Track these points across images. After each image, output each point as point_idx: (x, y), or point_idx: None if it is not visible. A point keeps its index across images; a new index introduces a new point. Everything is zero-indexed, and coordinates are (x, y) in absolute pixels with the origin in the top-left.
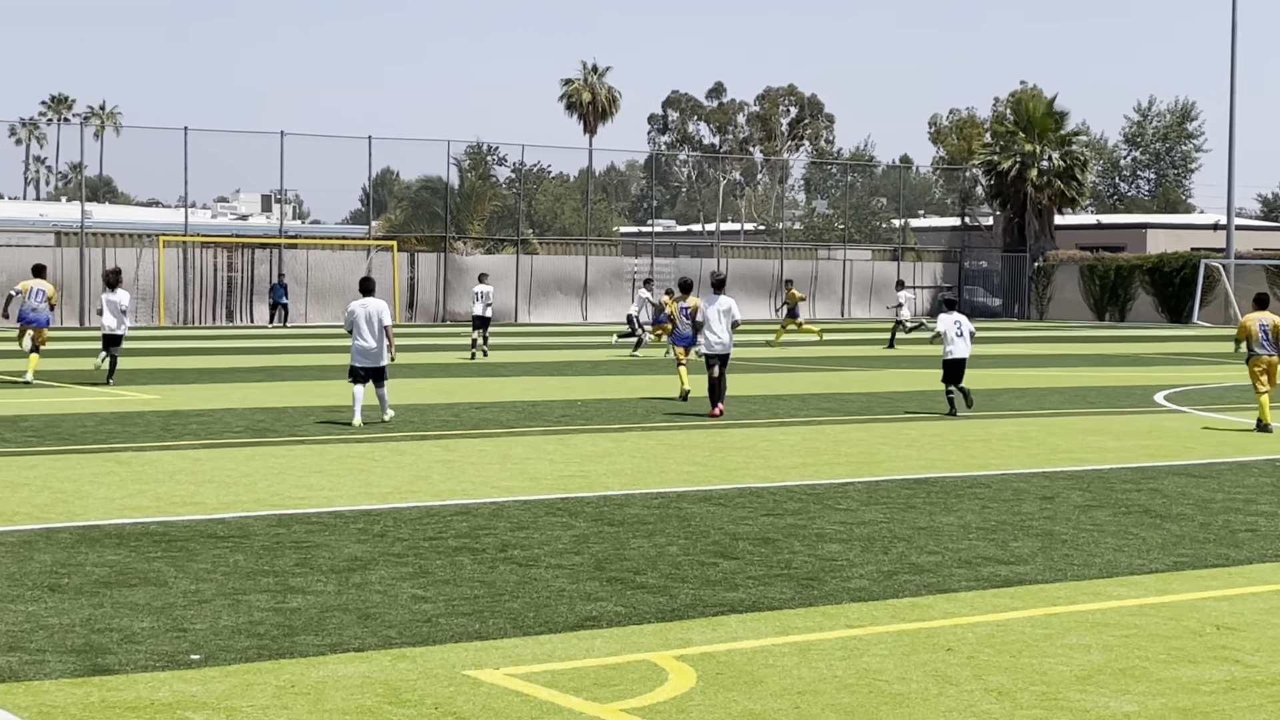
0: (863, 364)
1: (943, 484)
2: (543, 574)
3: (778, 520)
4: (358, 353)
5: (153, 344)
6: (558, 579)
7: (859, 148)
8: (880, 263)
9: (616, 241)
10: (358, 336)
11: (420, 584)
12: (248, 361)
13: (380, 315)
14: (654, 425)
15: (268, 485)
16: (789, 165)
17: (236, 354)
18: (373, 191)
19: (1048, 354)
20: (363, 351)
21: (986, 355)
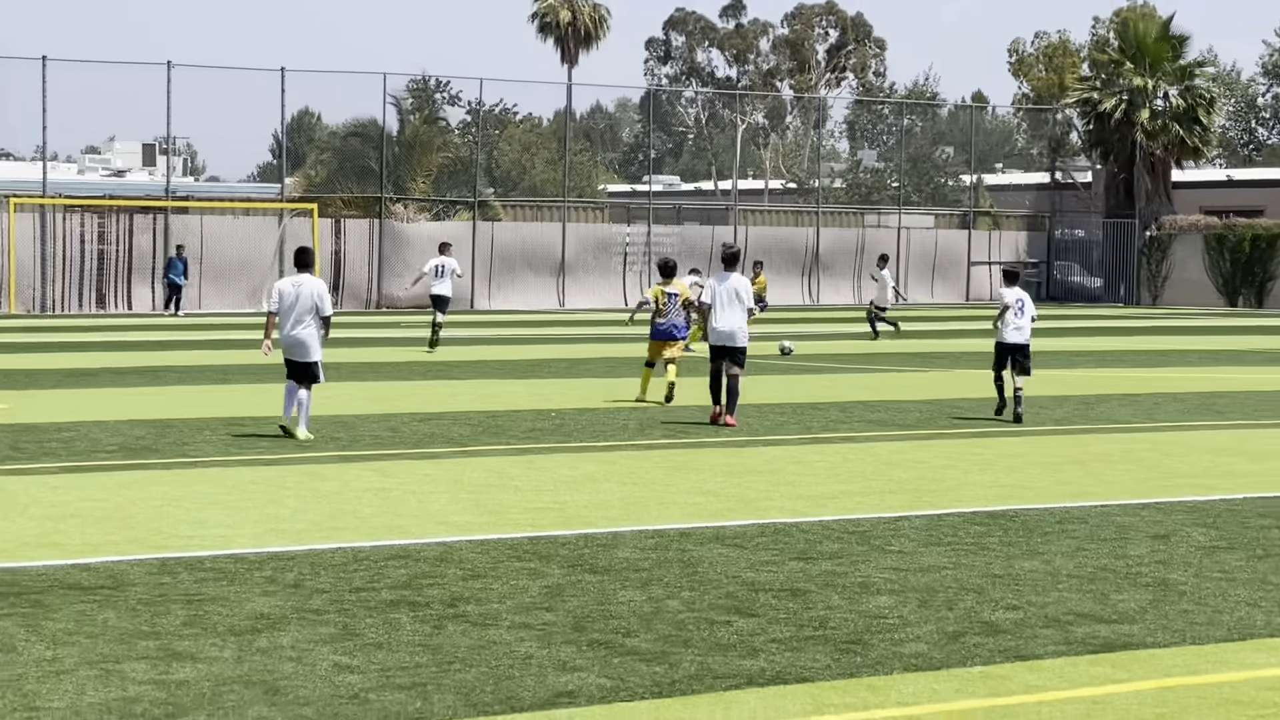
0: (922, 362)
1: (1025, 519)
2: (504, 636)
3: (810, 566)
4: (284, 344)
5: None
6: (524, 643)
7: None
8: (946, 231)
9: (603, 204)
10: (284, 324)
11: (345, 649)
12: (124, 360)
13: (318, 299)
14: (650, 442)
15: (148, 521)
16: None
17: (109, 350)
18: (286, 140)
19: (1162, 349)
20: (287, 343)
21: (1082, 352)
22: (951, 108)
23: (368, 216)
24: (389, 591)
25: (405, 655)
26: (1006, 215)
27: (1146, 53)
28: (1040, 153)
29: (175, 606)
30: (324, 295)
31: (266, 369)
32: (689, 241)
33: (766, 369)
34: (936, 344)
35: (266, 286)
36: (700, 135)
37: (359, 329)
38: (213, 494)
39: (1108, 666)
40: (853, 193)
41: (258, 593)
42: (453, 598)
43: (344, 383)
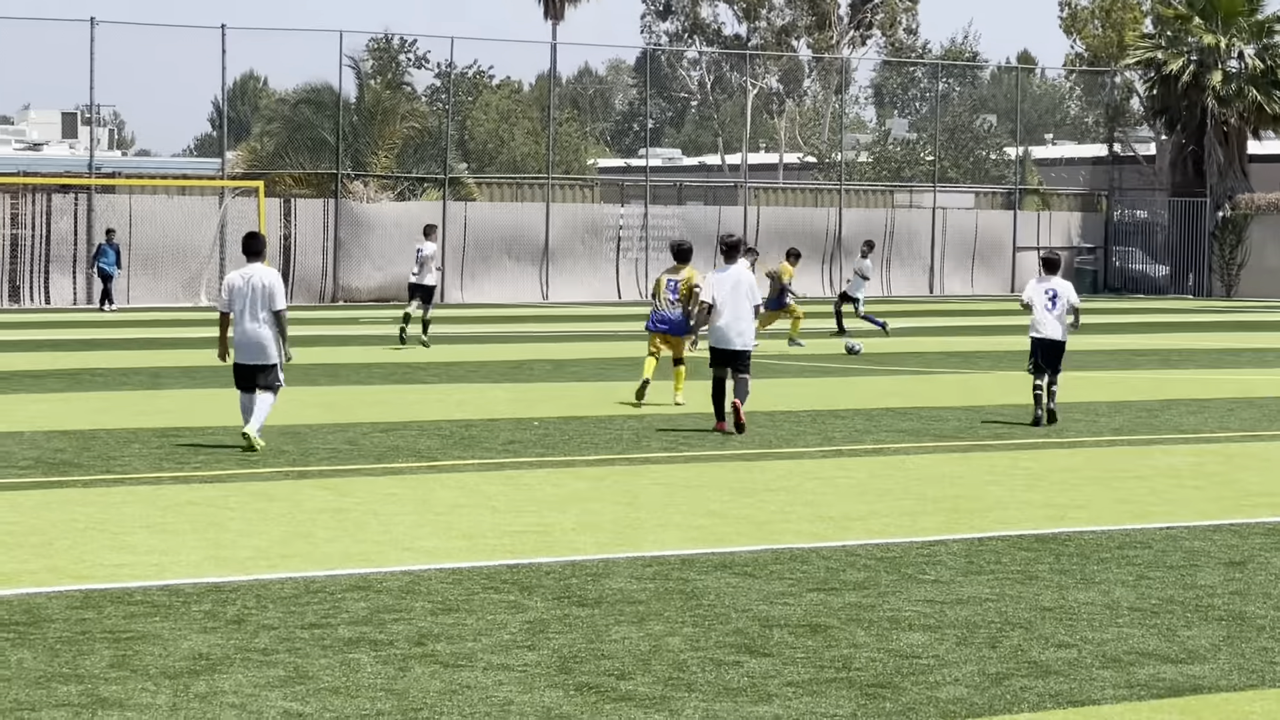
0: (960, 363)
1: (1080, 543)
2: (479, 678)
3: (832, 598)
4: (237, 347)
5: None
6: (502, 686)
7: (955, 41)
8: (987, 211)
9: (593, 182)
10: (238, 322)
11: (296, 694)
12: (41, 361)
13: (271, 291)
14: (647, 456)
15: (68, 546)
16: (851, 67)
17: (24, 350)
18: (228, 108)
19: (1237, 348)
20: (240, 345)
21: (1144, 351)
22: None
23: (322, 196)
24: (347, 628)
25: (366, 701)
26: (1057, 194)
27: (1219, 6)
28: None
29: (100, 645)
30: (276, 287)
31: (204, 371)
32: (692, 224)
33: (780, 370)
34: (976, 341)
35: (206, 279)
36: (705, 102)
37: (312, 325)
38: (144, 516)
39: (1175, 713)
40: (881, 168)
41: (195, 630)
42: (420, 635)
43: (295, 388)
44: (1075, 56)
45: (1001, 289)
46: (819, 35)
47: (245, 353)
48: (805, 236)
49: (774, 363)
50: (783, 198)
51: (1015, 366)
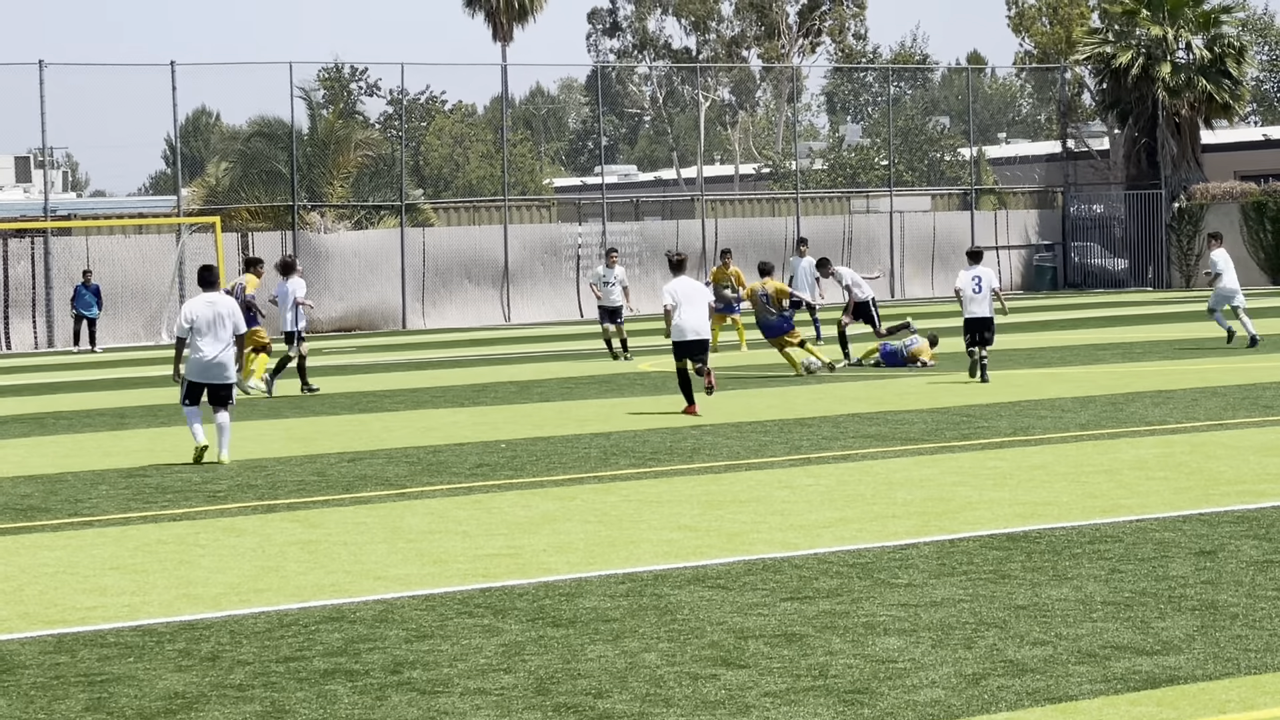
0: (924, 366)
1: (1050, 539)
2: (457, 704)
3: (806, 606)
4: (196, 367)
5: None
6: (480, 710)
7: (905, 44)
8: (945, 213)
9: (550, 201)
10: (198, 346)
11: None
12: (3, 407)
13: (233, 318)
14: (615, 473)
15: (39, 592)
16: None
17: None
18: (181, 145)
19: (1198, 337)
20: (205, 366)
21: (1107, 345)
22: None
23: (279, 228)
24: (322, 660)
25: None
26: (1013, 192)
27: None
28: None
29: (75, 689)
30: (239, 313)
31: (171, 410)
32: (650, 239)
33: (747, 382)
34: (940, 344)
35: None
36: (658, 117)
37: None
38: (114, 557)
39: (1152, 705)
40: (836, 174)
41: (170, 669)
42: (396, 663)
43: (259, 421)
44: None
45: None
46: (769, 45)
47: (208, 373)
48: (763, 247)
49: (744, 375)
50: (740, 209)
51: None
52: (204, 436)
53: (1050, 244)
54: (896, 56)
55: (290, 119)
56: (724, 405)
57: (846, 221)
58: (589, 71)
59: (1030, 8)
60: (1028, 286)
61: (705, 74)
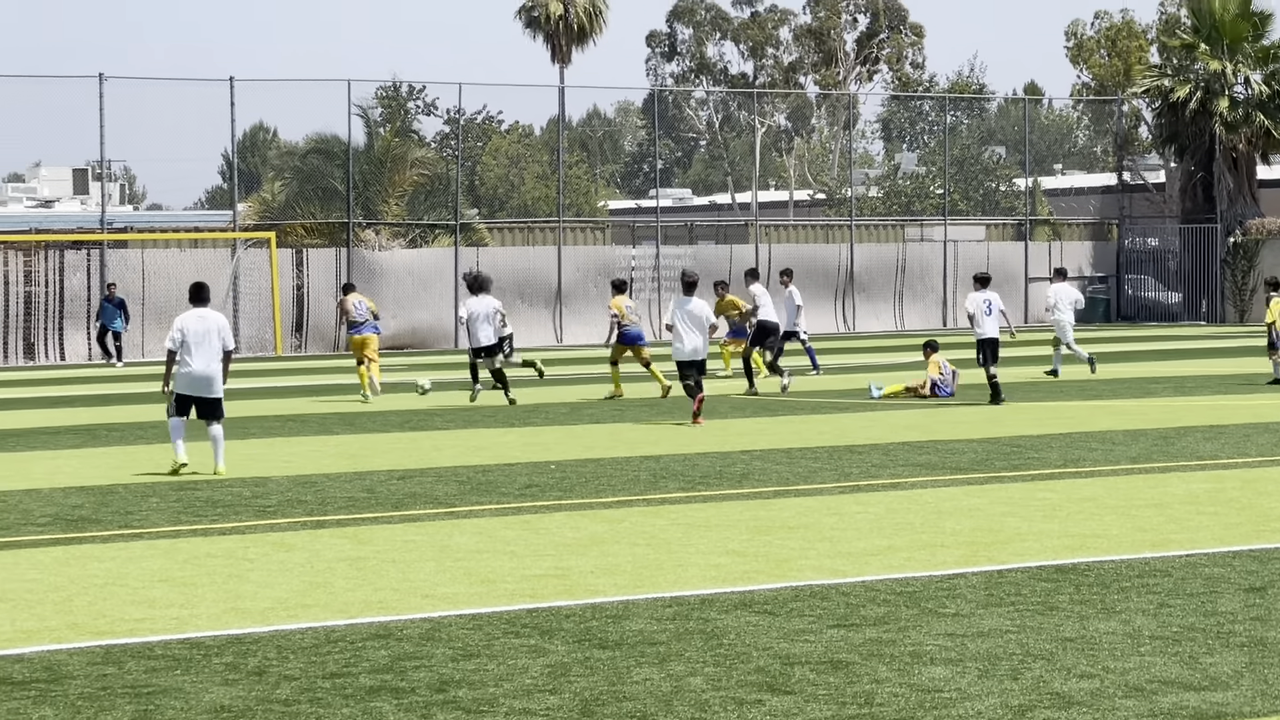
0: (975, 395)
1: (1099, 572)
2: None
3: (853, 634)
4: (185, 380)
5: None
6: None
7: (961, 74)
8: (999, 243)
9: (604, 223)
10: (187, 360)
11: None
12: (57, 418)
13: (222, 333)
14: (664, 496)
15: (88, 602)
16: (858, 103)
17: (40, 407)
18: (238, 160)
19: (1251, 372)
20: (193, 379)
21: (1159, 378)
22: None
23: (334, 245)
24: (368, 676)
25: None
26: (1068, 223)
27: (1224, 33)
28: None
29: (122, 701)
30: (228, 329)
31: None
32: (704, 263)
33: (798, 409)
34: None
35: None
36: (713, 141)
37: (326, 374)
38: (163, 569)
39: None
40: (891, 202)
41: (217, 682)
42: (442, 681)
43: (311, 438)
44: (1082, 86)
45: (1015, 320)
46: (826, 72)
47: (197, 386)
48: (817, 273)
49: (790, 399)
50: (793, 235)
51: (1031, 398)
52: (185, 454)
53: (1104, 276)
54: (953, 85)
55: (347, 136)
56: (774, 431)
57: (900, 249)
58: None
59: (1089, 39)
60: (1080, 318)
61: (762, 99)
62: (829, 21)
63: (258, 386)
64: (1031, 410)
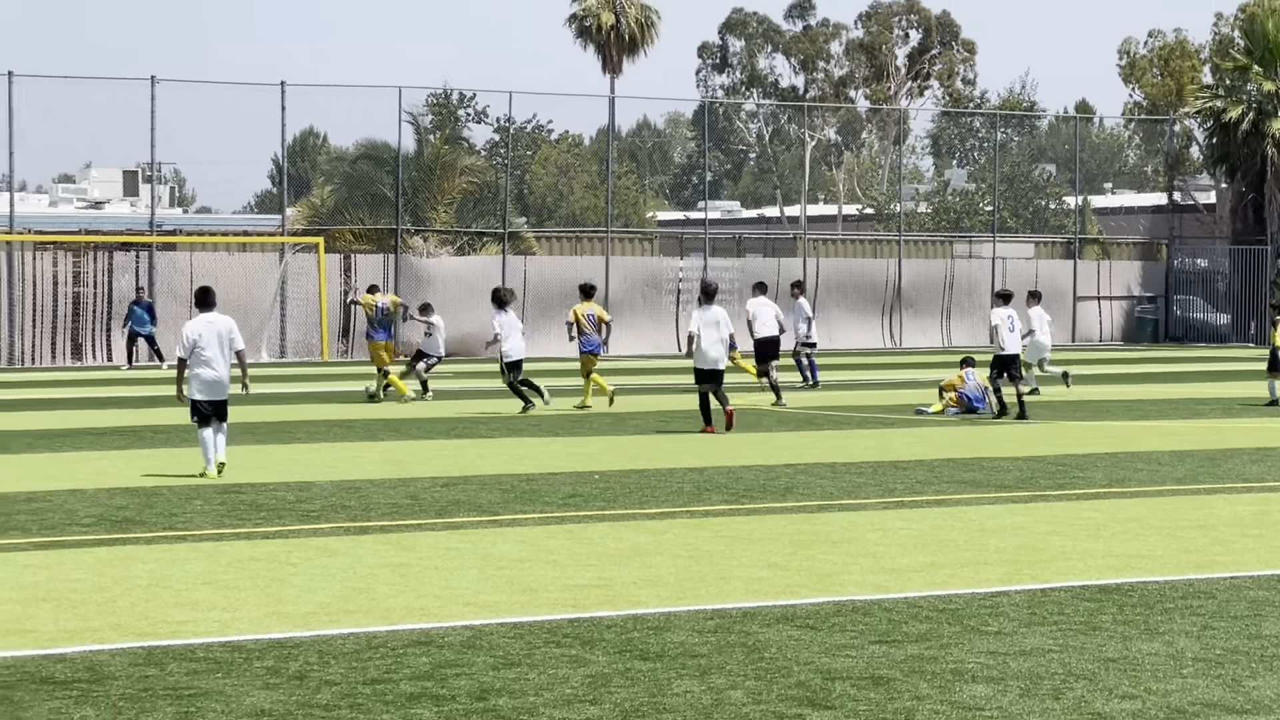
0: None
1: (1143, 593)
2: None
3: (894, 650)
4: (201, 385)
5: None
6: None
7: (1013, 91)
8: (1048, 261)
9: (652, 234)
10: (200, 364)
11: None
12: (103, 419)
13: (232, 335)
14: (708, 509)
15: (131, 603)
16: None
17: (86, 408)
18: (287, 164)
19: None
20: (208, 383)
21: (1206, 400)
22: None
23: (381, 251)
24: (409, 683)
25: None
26: (1117, 243)
27: (1277, 55)
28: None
29: (163, 703)
30: (236, 330)
31: (264, 428)
32: (751, 276)
33: (842, 423)
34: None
35: (267, 336)
36: (763, 154)
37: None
38: (206, 572)
39: None
40: (939, 218)
41: (258, 685)
42: (482, 689)
43: (356, 443)
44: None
45: (1063, 338)
46: (877, 86)
47: (214, 390)
48: (865, 288)
49: (835, 414)
50: (842, 249)
51: (1076, 416)
52: (215, 467)
53: (1153, 296)
54: (1004, 102)
55: (397, 143)
56: (819, 445)
57: (948, 266)
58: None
59: (1142, 58)
60: (1128, 338)
61: (812, 113)
62: (881, 36)
63: (304, 391)
64: (1077, 430)
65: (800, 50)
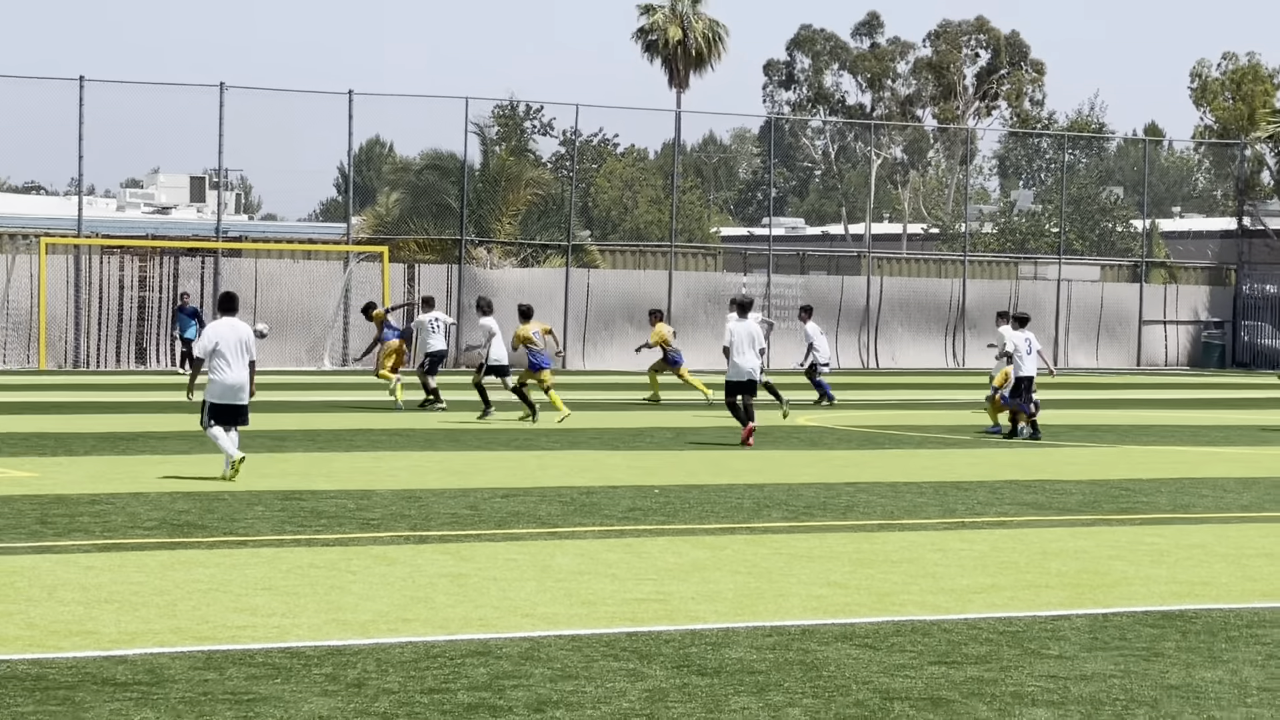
0: (1085, 436)
1: (1206, 620)
2: None
3: (954, 671)
4: (220, 389)
5: (28, 395)
6: None
7: (1081, 112)
8: (1114, 284)
9: (716, 250)
10: (221, 368)
11: None
12: (166, 423)
13: (249, 342)
14: (768, 525)
15: (192, 608)
16: (976, 137)
17: (151, 412)
18: (354, 173)
19: None
20: (227, 387)
21: (1274, 428)
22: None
23: (446, 261)
24: (466, 693)
25: None
26: (1185, 267)
27: None
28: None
29: (222, 707)
30: (251, 337)
31: (328, 435)
32: (815, 293)
33: (903, 442)
34: (1101, 415)
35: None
36: (828, 171)
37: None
38: (266, 578)
39: None
40: (1005, 239)
41: (316, 692)
42: (540, 701)
43: (417, 452)
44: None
45: (1128, 362)
46: (944, 105)
47: (231, 394)
48: (929, 307)
49: (897, 434)
50: (906, 268)
51: (1141, 441)
52: (236, 450)
53: (1220, 321)
54: (1073, 124)
55: (463, 153)
56: (879, 464)
57: (1013, 287)
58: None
59: (1214, 81)
60: (1194, 363)
61: (878, 131)
62: (949, 55)
63: (365, 400)
64: (1142, 454)
65: (867, 68)
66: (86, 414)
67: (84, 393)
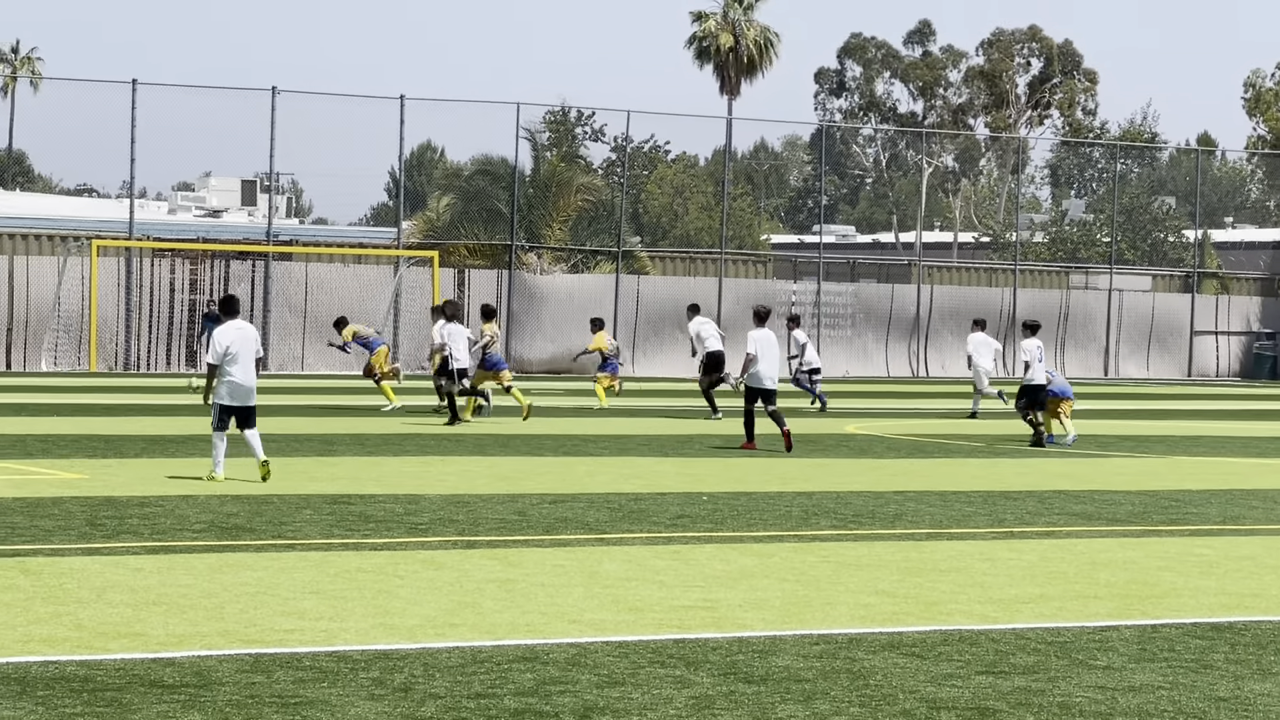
0: (1134, 447)
1: (1256, 632)
2: None
3: (1001, 681)
4: (230, 391)
5: (78, 397)
6: None
7: (1134, 122)
8: (1165, 294)
9: (766, 257)
10: (231, 370)
11: None
12: None
13: (256, 343)
14: (815, 533)
15: (240, 611)
16: (1028, 147)
17: (200, 414)
18: (405, 178)
19: None
20: (238, 389)
21: None
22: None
23: (496, 267)
24: (513, 699)
25: None
26: (1237, 277)
27: None
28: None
29: (269, 710)
30: (258, 339)
31: (375, 439)
32: (865, 301)
33: (952, 451)
34: (1151, 425)
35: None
36: (879, 179)
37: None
38: (314, 581)
39: None
40: (1056, 248)
41: (363, 696)
42: (586, 708)
43: (465, 458)
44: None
45: (1179, 373)
46: (996, 114)
47: (242, 395)
48: (979, 315)
49: (946, 442)
50: (957, 276)
51: (1191, 452)
52: (222, 469)
53: (1272, 332)
54: (1125, 133)
55: (514, 159)
56: (928, 473)
57: (1064, 296)
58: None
59: (1268, 91)
60: (1246, 374)
61: (930, 139)
62: (1001, 64)
63: (414, 404)
64: (1192, 465)
65: (919, 76)
66: (136, 416)
67: (134, 395)
